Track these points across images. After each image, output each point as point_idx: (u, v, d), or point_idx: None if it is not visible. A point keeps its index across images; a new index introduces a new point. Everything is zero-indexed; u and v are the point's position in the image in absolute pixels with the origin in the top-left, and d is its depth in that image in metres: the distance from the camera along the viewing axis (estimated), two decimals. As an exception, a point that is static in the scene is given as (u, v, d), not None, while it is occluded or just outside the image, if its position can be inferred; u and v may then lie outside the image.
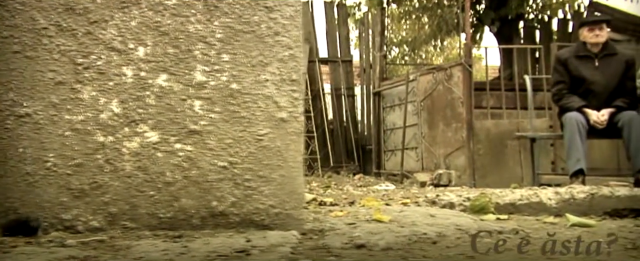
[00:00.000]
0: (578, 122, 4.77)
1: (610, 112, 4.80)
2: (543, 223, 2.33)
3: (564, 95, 5.01)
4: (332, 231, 1.88)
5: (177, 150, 1.78)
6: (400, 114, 7.45)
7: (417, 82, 7.06)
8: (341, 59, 8.55)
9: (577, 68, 4.99)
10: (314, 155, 7.93)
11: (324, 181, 6.86)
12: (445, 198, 2.74)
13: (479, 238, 1.87)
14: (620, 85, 4.89)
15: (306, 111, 8.05)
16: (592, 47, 4.99)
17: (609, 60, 4.96)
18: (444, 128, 6.60)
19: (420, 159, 7.01)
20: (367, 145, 8.36)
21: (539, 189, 2.81)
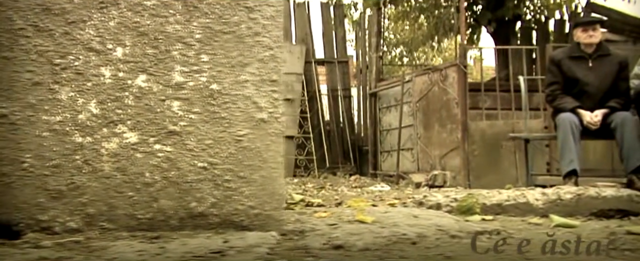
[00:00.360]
0: (571, 122, 4.76)
1: (604, 112, 4.80)
2: (528, 223, 2.32)
3: (558, 95, 5.00)
4: (313, 232, 1.87)
5: (156, 150, 1.78)
6: (396, 115, 7.45)
7: (412, 83, 7.06)
8: (338, 60, 8.55)
9: (570, 69, 4.99)
10: (310, 156, 7.92)
11: (320, 182, 6.85)
12: (432, 199, 2.73)
13: (457, 239, 1.87)
14: (613, 86, 4.88)
15: (302, 112, 8.05)
16: (586, 47, 4.98)
17: (602, 61, 4.96)
18: (439, 129, 6.59)
19: (416, 160, 7.00)
20: (364, 146, 8.36)
21: (527, 190, 2.81)
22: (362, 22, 8.43)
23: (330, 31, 8.58)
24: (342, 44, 8.63)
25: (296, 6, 8.47)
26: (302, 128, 8.03)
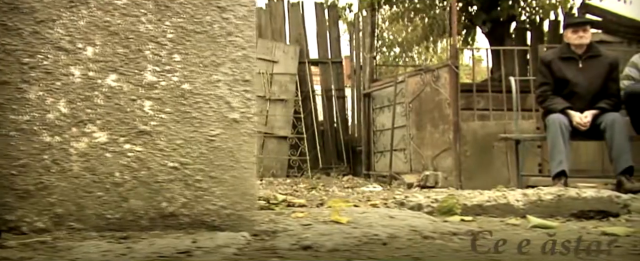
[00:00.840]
0: (561, 123, 4.76)
1: (594, 113, 4.79)
2: (506, 224, 2.32)
3: (548, 96, 5.00)
4: (285, 232, 1.87)
5: (126, 150, 1.77)
6: (389, 115, 7.44)
7: (405, 83, 7.05)
8: (332, 60, 8.55)
9: (561, 69, 4.99)
10: (303, 157, 7.92)
11: (313, 182, 6.85)
12: (413, 200, 2.73)
13: (430, 240, 1.86)
14: (604, 87, 4.88)
15: (296, 112, 8.05)
16: (576, 48, 4.98)
17: (592, 62, 4.96)
18: (431, 129, 6.59)
19: (409, 161, 6.99)
20: (358, 146, 8.35)
21: (507, 190, 2.80)
22: (356, 22, 8.43)
23: (324, 32, 8.59)
24: (336, 45, 8.63)
25: (290, 6, 8.48)
26: (295, 128, 8.03)
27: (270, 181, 7.06)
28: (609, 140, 4.68)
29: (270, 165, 7.75)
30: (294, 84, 8.13)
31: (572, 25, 5.07)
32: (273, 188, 5.77)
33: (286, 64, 8.16)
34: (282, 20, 8.42)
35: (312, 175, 7.76)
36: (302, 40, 8.45)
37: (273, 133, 7.93)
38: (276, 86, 8.05)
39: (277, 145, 7.91)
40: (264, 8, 8.40)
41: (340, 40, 8.65)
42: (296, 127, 8.02)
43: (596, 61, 4.96)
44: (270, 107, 7.96)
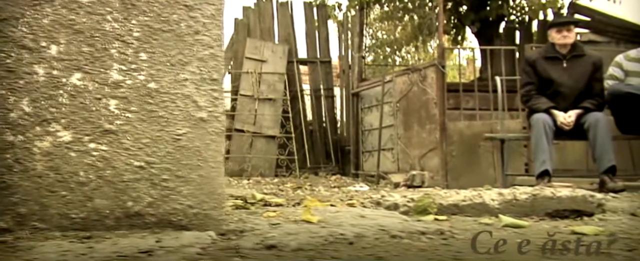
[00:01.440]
0: (545, 123, 4.77)
1: (577, 113, 4.81)
2: (478, 224, 2.32)
3: (533, 96, 5.02)
4: (252, 231, 1.86)
5: (91, 149, 1.76)
6: (378, 115, 7.44)
7: (393, 83, 7.05)
8: (320, 60, 8.54)
9: (545, 69, 5.00)
10: (292, 156, 7.91)
11: (300, 182, 6.85)
12: (389, 200, 2.73)
13: (397, 239, 1.86)
14: (588, 87, 4.90)
15: (284, 112, 8.04)
16: (561, 48, 5.00)
17: (576, 62, 4.97)
18: (418, 129, 6.59)
19: (397, 160, 6.99)
20: (347, 146, 8.35)
21: (483, 190, 2.81)
22: (345, 22, 8.42)
23: (313, 31, 8.58)
24: (325, 44, 8.63)
25: (279, 6, 8.46)
26: (284, 128, 8.02)
27: (258, 180, 7.05)
28: (592, 139, 4.70)
29: (258, 165, 7.74)
30: (283, 84, 8.12)
31: (556, 25, 5.09)
32: (258, 188, 5.76)
33: (275, 63, 8.16)
34: (271, 20, 8.41)
35: (300, 174, 7.75)
36: (291, 40, 8.45)
37: (261, 132, 7.92)
38: (265, 85, 8.03)
39: (266, 144, 7.90)
40: (252, 7, 8.39)
41: (329, 39, 8.65)
42: (285, 127, 8.01)
43: (580, 61, 4.98)
44: (258, 107, 7.95)
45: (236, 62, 8.24)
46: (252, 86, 7.91)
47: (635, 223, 2.35)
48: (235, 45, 8.29)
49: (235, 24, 8.33)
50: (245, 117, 7.89)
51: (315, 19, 8.57)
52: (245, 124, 7.88)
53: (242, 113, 7.88)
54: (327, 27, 8.66)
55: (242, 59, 8.11)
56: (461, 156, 6.19)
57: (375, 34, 11.48)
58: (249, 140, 7.81)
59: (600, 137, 4.64)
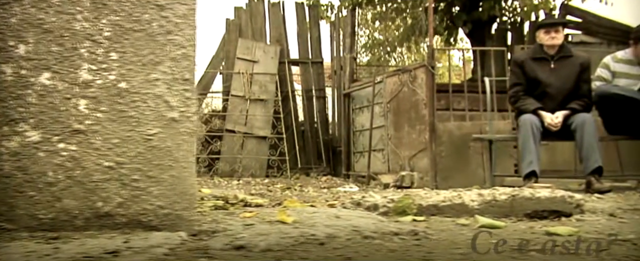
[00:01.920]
0: (532, 124, 4.78)
1: (565, 114, 4.82)
2: (455, 224, 2.32)
3: (520, 97, 5.02)
4: (224, 232, 1.85)
5: (60, 149, 1.75)
6: (369, 116, 7.44)
7: (384, 83, 7.05)
8: (312, 60, 8.54)
9: (533, 70, 5.01)
10: (283, 157, 7.90)
11: (290, 182, 6.84)
12: (370, 200, 2.72)
13: (369, 240, 1.86)
14: (575, 88, 4.90)
15: (275, 112, 8.03)
16: (548, 49, 5.00)
17: (564, 63, 4.98)
18: (409, 130, 6.59)
19: (387, 161, 6.99)
20: (338, 146, 8.35)
21: (463, 191, 2.80)
22: (337, 22, 8.42)
23: (305, 31, 8.57)
24: (317, 45, 8.62)
25: (271, 6, 8.46)
26: (275, 128, 8.01)
27: (248, 181, 7.04)
28: (579, 140, 4.70)
29: (249, 165, 7.73)
30: (274, 84, 8.12)
31: (544, 26, 5.09)
32: (247, 189, 5.75)
33: (266, 63, 8.15)
34: (262, 20, 8.41)
35: (291, 175, 7.75)
36: (282, 40, 8.44)
37: (252, 133, 7.90)
38: (256, 86, 8.03)
39: (257, 145, 7.89)
40: (244, 7, 8.38)
41: (321, 40, 8.64)
42: (276, 127, 7.99)
43: (568, 62, 4.99)
44: (250, 107, 7.94)
45: (228, 62, 8.23)
46: (244, 86, 7.90)
47: (611, 223, 2.35)
48: (227, 45, 8.28)
49: (227, 24, 8.32)
50: (237, 118, 7.87)
51: (307, 20, 8.56)
52: (237, 125, 7.87)
53: (234, 114, 7.87)
54: (319, 27, 8.66)
55: (233, 59, 8.11)
56: (451, 157, 6.19)
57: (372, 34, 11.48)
58: (240, 141, 7.80)
59: (586, 138, 4.64)
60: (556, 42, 4.98)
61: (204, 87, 8.38)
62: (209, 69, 8.27)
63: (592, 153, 4.61)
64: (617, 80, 4.90)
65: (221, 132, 7.82)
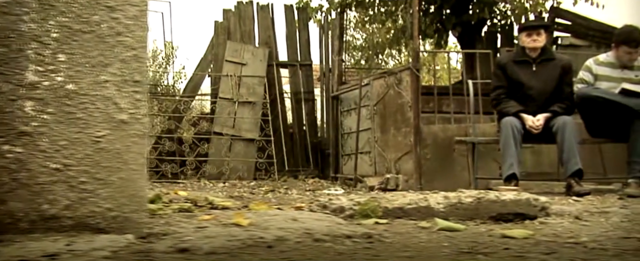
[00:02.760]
0: (513, 126, 4.77)
1: (546, 116, 4.81)
2: (415, 227, 2.30)
3: (502, 99, 5.02)
4: (173, 235, 1.84)
5: (5, 151, 1.74)
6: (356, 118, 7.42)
7: (370, 86, 7.04)
8: (301, 63, 8.53)
9: (515, 73, 5.01)
10: (270, 159, 7.88)
11: (276, 185, 6.82)
12: (336, 203, 2.71)
13: (319, 243, 1.85)
14: (557, 90, 4.90)
15: (264, 115, 8.02)
16: (530, 52, 5.00)
17: (546, 65, 4.98)
18: (394, 132, 6.58)
19: (374, 163, 6.98)
20: (327, 149, 8.33)
21: (430, 193, 2.79)
22: (325, 25, 8.41)
23: (294, 34, 8.57)
24: (306, 47, 8.61)
25: (259, 9, 8.45)
26: (263, 131, 7.99)
27: (234, 183, 7.03)
28: (559, 143, 4.70)
29: (237, 168, 7.71)
30: (263, 87, 8.10)
31: (527, 29, 5.09)
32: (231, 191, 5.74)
33: (255, 66, 8.14)
34: (251, 23, 8.40)
35: (279, 177, 7.73)
36: (271, 43, 8.43)
37: (240, 135, 7.89)
38: (244, 88, 8.01)
39: (244, 147, 7.88)
40: (233, 10, 8.37)
41: (310, 42, 8.63)
42: (264, 130, 7.98)
43: (550, 64, 4.99)
44: (238, 110, 7.93)
45: (216, 64, 8.22)
46: (232, 89, 7.89)
47: (573, 226, 2.34)
48: (215, 48, 8.27)
49: (216, 26, 8.31)
50: (224, 120, 7.86)
51: (296, 22, 8.56)
52: (224, 127, 7.86)
53: (221, 116, 7.86)
54: (308, 30, 8.64)
55: (222, 61, 8.10)
56: (435, 159, 6.18)
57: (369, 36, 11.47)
58: (228, 143, 7.79)
59: (567, 141, 4.64)
60: (538, 44, 4.98)
61: (192, 90, 8.37)
62: (197, 72, 8.26)
63: (572, 156, 4.60)
64: (599, 83, 4.89)
65: (209, 135, 7.80)
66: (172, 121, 7.80)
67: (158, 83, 9.46)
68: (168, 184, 6.76)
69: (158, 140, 7.66)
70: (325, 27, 8.41)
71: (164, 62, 18.89)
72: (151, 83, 9.18)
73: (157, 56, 19.05)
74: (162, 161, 7.47)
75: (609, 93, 4.70)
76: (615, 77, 4.84)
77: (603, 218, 2.57)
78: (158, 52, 19.29)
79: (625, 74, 4.85)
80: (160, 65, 18.37)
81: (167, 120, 7.83)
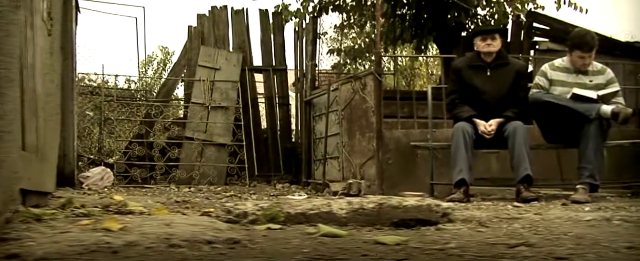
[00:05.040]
0: (465, 132, 4.72)
1: (499, 122, 4.76)
2: (301, 233, 2.26)
3: (457, 105, 4.97)
4: (21, 240, 1.81)
5: None
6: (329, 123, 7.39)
7: (339, 91, 7.01)
8: (276, 68, 8.51)
9: (470, 78, 4.96)
10: (243, 165, 7.84)
11: (243, 190, 6.80)
12: (240, 208, 2.67)
13: (173, 249, 1.81)
14: (511, 95, 4.84)
15: (237, 120, 8.00)
16: (485, 56, 4.96)
17: (501, 70, 4.93)
18: (360, 137, 6.54)
19: (342, 169, 6.94)
20: (301, 154, 8.29)
21: (336, 199, 2.75)
22: (300, 30, 8.39)
23: (268, 39, 8.55)
24: (281, 52, 8.59)
25: (234, 13, 8.45)
26: (235, 136, 7.96)
27: (201, 189, 7.00)
28: (510, 148, 4.64)
29: (207, 173, 7.68)
30: (236, 92, 8.08)
31: (481, 33, 5.05)
32: (192, 196, 5.72)
33: (229, 71, 8.12)
34: (225, 28, 8.39)
35: (250, 182, 7.69)
36: (246, 48, 8.42)
37: (212, 140, 7.87)
38: (217, 94, 7.99)
39: (216, 152, 7.85)
40: (207, 15, 8.36)
41: (285, 47, 8.61)
42: (236, 135, 7.95)
43: (504, 69, 4.93)
44: (210, 115, 7.90)
45: (190, 70, 8.21)
46: (204, 94, 7.87)
47: (466, 233, 2.29)
48: (189, 53, 8.27)
49: (189, 32, 8.31)
50: (196, 125, 7.84)
51: (271, 27, 8.54)
52: (196, 132, 7.84)
53: (193, 122, 7.84)
54: (283, 35, 8.62)
55: (195, 67, 8.08)
56: (398, 165, 6.12)
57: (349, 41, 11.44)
58: (199, 149, 7.76)
59: (517, 146, 4.59)
60: (492, 49, 4.94)
61: (166, 95, 8.36)
62: (170, 77, 8.25)
63: (522, 161, 4.55)
64: (554, 88, 4.83)
65: (181, 140, 7.78)
66: (143, 126, 7.79)
67: (152, 89, 9.49)
68: (134, 189, 6.75)
69: (129, 146, 7.65)
70: (300, 32, 8.39)
71: (160, 68, 18.93)
72: (147, 89, 9.20)
73: (153, 62, 19.08)
74: (131, 166, 7.45)
75: (560, 98, 4.64)
76: (570, 82, 4.78)
77: (506, 225, 2.52)
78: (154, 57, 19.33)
79: (580, 79, 4.79)
80: (156, 71, 18.40)
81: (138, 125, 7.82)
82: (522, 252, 1.78)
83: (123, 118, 7.81)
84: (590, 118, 4.44)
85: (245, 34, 8.43)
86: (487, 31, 5.07)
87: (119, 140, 7.87)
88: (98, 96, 7.75)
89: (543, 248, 1.85)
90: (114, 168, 7.21)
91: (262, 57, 8.53)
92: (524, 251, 1.80)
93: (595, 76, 4.81)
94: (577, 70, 4.81)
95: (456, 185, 4.63)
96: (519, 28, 8.83)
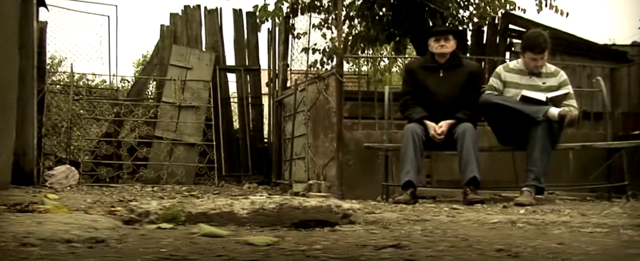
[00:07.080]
0: (414, 133, 4.68)
1: (449, 123, 4.72)
2: (182, 232, 2.23)
3: (409, 105, 4.93)
4: None
5: None
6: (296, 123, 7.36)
7: (306, 91, 6.97)
8: (248, 68, 8.49)
9: (423, 79, 4.92)
10: (212, 164, 7.81)
11: (207, 190, 6.77)
12: (143, 207, 2.64)
13: (23, 247, 1.78)
14: (463, 97, 4.80)
15: (207, 119, 7.97)
16: (439, 57, 4.92)
17: (453, 72, 4.89)
18: (323, 138, 6.51)
19: (307, 169, 6.90)
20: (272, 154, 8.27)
21: (240, 199, 2.72)
22: (273, 30, 8.36)
23: (242, 39, 8.52)
24: (254, 52, 8.56)
25: (207, 13, 8.42)
26: (206, 135, 7.93)
27: (165, 188, 6.97)
28: (459, 150, 4.60)
29: (175, 172, 7.65)
30: (208, 91, 8.05)
31: (434, 34, 5.01)
32: (146, 195, 5.69)
33: (200, 70, 8.09)
34: (198, 27, 8.37)
35: (219, 182, 7.66)
36: (218, 47, 8.39)
37: (182, 140, 7.84)
38: (188, 93, 7.96)
39: (185, 152, 7.82)
40: (180, 14, 8.34)
41: (258, 47, 8.58)
42: (206, 134, 7.92)
43: (457, 71, 4.89)
44: (181, 114, 7.88)
45: (161, 69, 8.18)
46: (175, 93, 7.84)
47: (360, 234, 2.26)
48: (161, 52, 8.24)
49: (162, 30, 8.28)
50: (166, 125, 7.81)
51: (245, 27, 8.51)
52: (166, 131, 7.81)
53: (163, 120, 7.81)
54: (257, 35, 8.59)
55: (167, 66, 8.06)
56: (358, 166, 6.08)
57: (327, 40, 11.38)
58: (168, 148, 7.73)
59: (465, 148, 4.55)
60: (446, 50, 4.90)
61: (137, 94, 8.34)
62: (142, 75, 8.23)
63: (469, 163, 4.51)
64: (508, 90, 4.78)
65: (150, 139, 7.75)
66: (112, 125, 7.77)
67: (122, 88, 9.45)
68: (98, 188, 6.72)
69: (96, 144, 7.62)
70: (274, 32, 8.35)
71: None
72: (115, 88, 9.16)
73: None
74: (99, 165, 7.42)
75: (509, 100, 4.60)
76: (523, 84, 4.72)
77: (407, 227, 2.49)
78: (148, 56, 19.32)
79: (533, 81, 4.74)
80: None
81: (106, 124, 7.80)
82: (382, 254, 1.75)
83: (91, 117, 7.78)
84: (538, 120, 4.40)
85: (218, 34, 8.41)
86: (440, 32, 5.03)
87: (87, 139, 7.85)
88: (67, 95, 7.73)
89: (409, 251, 1.82)
90: (80, 166, 7.18)
91: (234, 57, 8.50)
92: (385, 253, 1.76)
93: (548, 78, 4.76)
94: (530, 72, 4.76)
95: (403, 186, 4.60)
96: (494, 29, 8.80)
